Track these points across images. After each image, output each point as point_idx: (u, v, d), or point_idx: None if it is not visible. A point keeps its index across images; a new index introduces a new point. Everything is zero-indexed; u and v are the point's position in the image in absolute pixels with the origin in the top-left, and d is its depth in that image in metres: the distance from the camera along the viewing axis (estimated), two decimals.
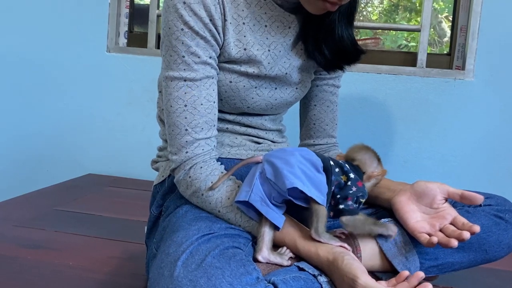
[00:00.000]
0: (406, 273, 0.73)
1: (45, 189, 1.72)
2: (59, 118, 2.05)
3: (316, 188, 0.77)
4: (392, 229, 0.83)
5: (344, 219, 0.80)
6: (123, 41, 2.04)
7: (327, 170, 0.81)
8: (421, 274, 0.70)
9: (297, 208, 0.82)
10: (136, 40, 2.06)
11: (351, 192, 0.81)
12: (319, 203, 0.77)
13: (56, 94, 2.04)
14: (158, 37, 2.02)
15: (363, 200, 0.82)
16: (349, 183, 0.81)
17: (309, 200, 0.78)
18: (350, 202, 0.81)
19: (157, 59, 1.93)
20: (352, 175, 0.82)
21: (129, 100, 1.99)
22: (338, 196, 0.81)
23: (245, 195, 0.78)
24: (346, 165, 0.84)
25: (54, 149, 2.06)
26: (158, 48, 2.00)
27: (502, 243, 0.91)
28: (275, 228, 0.80)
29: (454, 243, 0.77)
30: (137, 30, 2.13)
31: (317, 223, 0.78)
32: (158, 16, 1.99)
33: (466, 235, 0.77)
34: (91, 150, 2.03)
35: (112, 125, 2.01)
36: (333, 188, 0.80)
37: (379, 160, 0.88)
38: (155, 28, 1.98)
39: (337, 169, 0.82)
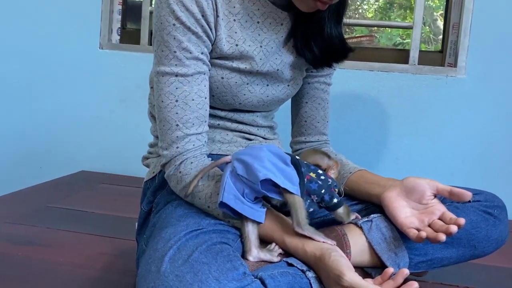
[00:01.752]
0: (390, 270, 0.73)
1: (38, 186, 1.72)
2: (52, 115, 2.04)
3: (288, 179, 0.77)
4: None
5: (341, 210, 0.85)
6: (116, 37, 2.03)
7: (295, 163, 0.81)
8: (406, 271, 0.71)
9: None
10: (129, 36, 2.06)
11: (330, 183, 0.83)
12: (293, 193, 0.77)
13: (49, 91, 2.04)
14: (151, 33, 2.00)
15: (337, 190, 0.85)
16: (322, 177, 0.82)
17: (282, 193, 0.77)
18: (335, 192, 0.83)
19: (150, 56, 1.92)
20: (320, 171, 0.84)
21: (122, 97, 1.98)
22: (323, 190, 0.81)
23: (220, 197, 0.78)
24: (310, 164, 0.86)
25: (47, 146, 2.05)
26: (151, 44, 1.99)
27: (490, 239, 0.92)
28: (258, 223, 0.80)
29: (442, 237, 0.78)
30: (130, 27, 2.12)
31: (297, 215, 0.77)
32: (151, 12, 1.98)
33: (454, 228, 0.78)
34: (84, 147, 2.03)
35: (105, 122, 2.01)
36: (305, 180, 0.81)
37: (329, 156, 0.90)
38: (148, 24, 1.98)
39: (304, 167, 0.82)
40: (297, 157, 0.84)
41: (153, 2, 2.03)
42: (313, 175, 0.82)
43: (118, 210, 1.50)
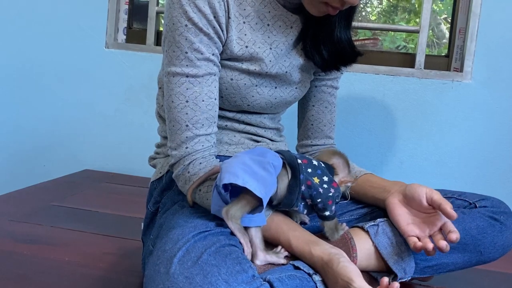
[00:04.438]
0: (386, 279, 0.73)
1: (42, 184, 1.72)
2: (57, 114, 2.04)
3: (259, 182, 0.73)
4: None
5: (329, 223, 0.84)
6: (122, 37, 2.04)
7: (294, 168, 0.80)
8: (396, 285, 0.70)
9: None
10: (135, 36, 2.06)
11: (330, 195, 0.81)
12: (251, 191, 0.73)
13: (54, 89, 2.04)
14: (157, 33, 2.02)
15: (338, 200, 0.84)
16: (325, 185, 0.81)
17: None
18: (333, 207, 0.82)
19: (156, 56, 1.93)
20: (326, 178, 0.82)
21: (127, 96, 1.99)
22: (319, 200, 0.81)
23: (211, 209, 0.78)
24: (322, 165, 0.84)
25: (52, 144, 2.05)
26: (157, 45, 2.00)
27: (496, 245, 0.92)
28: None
29: (430, 249, 0.81)
30: (136, 27, 2.13)
31: (233, 204, 0.75)
32: (158, 12, 1.99)
33: (446, 248, 0.81)
34: (89, 146, 2.03)
35: (110, 121, 2.01)
36: (303, 187, 0.80)
37: (349, 165, 0.89)
38: (154, 24, 1.98)
39: (309, 170, 0.81)
40: (305, 158, 0.83)
41: (159, 2, 2.04)
42: (316, 180, 0.81)
43: (122, 209, 1.49)
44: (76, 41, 2.00)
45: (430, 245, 0.80)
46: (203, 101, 0.86)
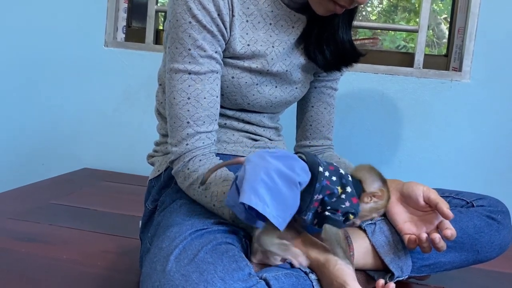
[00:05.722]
0: (381, 281, 0.73)
1: (41, 183, 1.72)
2: (56, 112, 2.05)
3: (279, 204, 0.70)
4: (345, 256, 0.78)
5: (328, 227, 0.75)
6: (121, 35, 2.04)
7: (312, 175, 0.74)
8: (392, 285, 0.71)
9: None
10: (134, 35, 2.06)
11: (343, 206, 0.75)
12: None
13: (54, 88, 2.04)
14: (156, 32, 2.02)
15: (352, 218, 0.77)
16: (343, 196, 0.76)
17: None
18: (340, 218, 0.76)
19: (155, 55, 1.93)
20: (349, 189, 0.76)
21: (126, 95, 1.99)
22: (329, 207, 0.75)
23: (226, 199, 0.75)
24: (348, 176, 0.78)
25: (51, 142, 2.06)
26: (156, 43, 2.00)
27: (493, 244, 0.92)
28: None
29: (424, 239, 0.81)
30: (135, 25, 2.13)
31: (262, 233, 0.73)
32: (157, 11, 1.99)
33: (439, 241, 0.80)
34: (88, 145, 2.03)
35: (109, 120, 2.01)
36: (319, 195, 0.75)
37: (384, 182, 0.82)
38: (153, 23, 1.98)
39: (334, 178, 0.76)
40: (332, 165, 0.77)
41: (158, 1, 2.04)
42: (339, 190, 0.76)
43: (121, 208, 1.50)
44: (75, 39, 2.00)
45: (423, 235, 0.80)
46: (204, 98, 0.86)
